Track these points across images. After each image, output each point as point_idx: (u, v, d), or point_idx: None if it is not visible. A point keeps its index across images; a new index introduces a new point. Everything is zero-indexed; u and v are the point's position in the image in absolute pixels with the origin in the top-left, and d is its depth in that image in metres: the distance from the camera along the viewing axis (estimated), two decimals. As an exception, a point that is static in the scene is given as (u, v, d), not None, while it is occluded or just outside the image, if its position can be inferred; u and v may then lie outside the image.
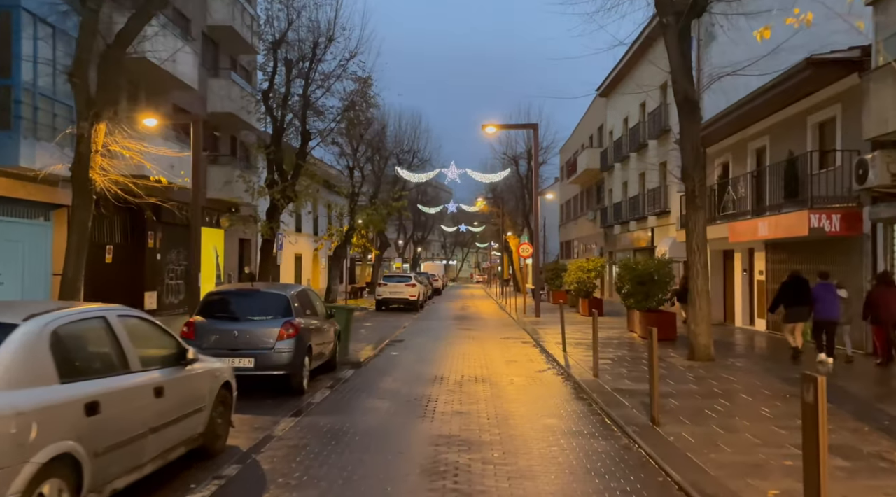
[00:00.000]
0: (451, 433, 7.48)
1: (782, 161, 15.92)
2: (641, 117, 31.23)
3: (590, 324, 22.73)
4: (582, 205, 47.51)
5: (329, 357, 11.37)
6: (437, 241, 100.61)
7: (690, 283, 12.47)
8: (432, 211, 53.04)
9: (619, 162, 35.59)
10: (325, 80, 23.50)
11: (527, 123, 24.43)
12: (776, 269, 17.70)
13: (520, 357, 14.16)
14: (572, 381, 10.81)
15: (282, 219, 33.71)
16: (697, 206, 12.30)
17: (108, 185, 12.06)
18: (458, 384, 10.61)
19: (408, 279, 29.42)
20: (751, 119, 18.46)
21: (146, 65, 18.24)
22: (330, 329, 11.32)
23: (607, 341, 16.18)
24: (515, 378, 11.32)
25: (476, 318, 25.68)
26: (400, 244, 59.85)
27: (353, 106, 23.99)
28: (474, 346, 16.02)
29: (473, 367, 12.59)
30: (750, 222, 17.06)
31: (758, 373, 11.19)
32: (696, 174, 12.25)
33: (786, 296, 12.39)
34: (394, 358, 13.81)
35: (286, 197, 22.72)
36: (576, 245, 48.94)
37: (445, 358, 13.82)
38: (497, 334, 19.02)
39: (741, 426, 7.43)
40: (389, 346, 15.85)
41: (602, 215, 38.95)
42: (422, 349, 15.40)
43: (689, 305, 12.54)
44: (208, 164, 24.00)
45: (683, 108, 12.42)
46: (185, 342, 6.13)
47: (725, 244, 21.00)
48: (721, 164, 22.13)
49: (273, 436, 7.18)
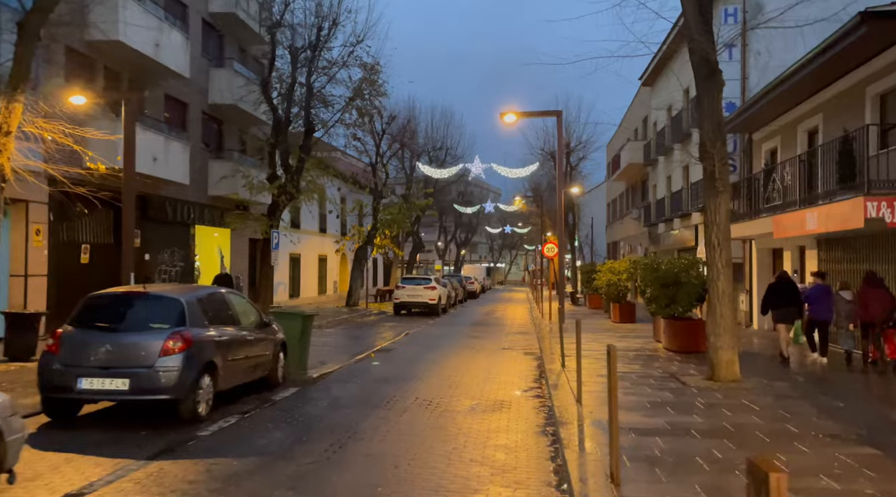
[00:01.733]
0: (344, 485, 5.55)
1: (836, 139, 13.33)
2: (685, 104, 28.51)
3: (616, 332, 20.48)
4: (627, 203, 44.72)
5: (264, 373, 9.58)
6: (484, 243, 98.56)
7: (710, 286, 10.14)
8: (469, 211, 50.95)
9: (662, 155, 32.88)
10: (329, 68, 21.91)
11: (550, 110, 22.11)
12: (830, 269, 15.05)
13: (509, 373, 12.08)
14: (548, 409, 8.71)
15: (302, 219, 32.52)
16: (718, 191, 9.99)
17: (25, 173, 10.59)
18: (404, 410, 8.63)
19: (427, 282, 27.51)
20: (800, 94, 15.84)
21: (127, 51, 17.01)
22: (264, 340, 9.53)
23: (624, 352, 13.90)
24: (481, 402, 9.27)
25: (495, 324, 23.59)
26: (439, 245, 58.07)
27: (360, 94, 22.28)
28: (465, 358, 14.01)
29: (443, 385, 10.59)
30: (796, 214, 14.46)
31: (792, 400, 8.81)
32: (717, 150, 9.93)
33: (773, 297, 12.26)
34: (360, 372, 11.93)
35: (287, 193, 21.19)
36: (622, 246, 46.14)
37: (422, 372, 11.87)
38: (503, 343, 16.93)
39: (736, 485, 5.22)
40: (372, 356, 14.00)
41: (645, 213, 36.22)
42: (404, 360, 13.49)
43: (709, 313, 10.22)
44: (210, 159, 22.73)
45: (700, 70, 10.12)
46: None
47: (774, 241, 18.33)
48: (769, 151, 19.43)
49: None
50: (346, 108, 22.06)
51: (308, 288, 33.34)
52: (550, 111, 22.52)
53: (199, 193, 21.95)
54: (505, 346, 16.20)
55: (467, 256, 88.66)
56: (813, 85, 14.99)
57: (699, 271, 14.51)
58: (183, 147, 19.20)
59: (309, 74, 21.56)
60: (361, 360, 13.28)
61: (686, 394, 9.14)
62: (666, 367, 11.63)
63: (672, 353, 13.69)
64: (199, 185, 21.96)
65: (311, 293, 33.91)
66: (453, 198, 56.02)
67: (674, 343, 14.06)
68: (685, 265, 14.43)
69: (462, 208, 50.30)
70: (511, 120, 22.61)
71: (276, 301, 29.27)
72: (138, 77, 18.24)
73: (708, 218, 10.13)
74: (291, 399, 9.22)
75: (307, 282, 33.28)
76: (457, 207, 50.52)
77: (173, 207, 20.36)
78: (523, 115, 22.81)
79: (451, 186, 57.06)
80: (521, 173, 31.87)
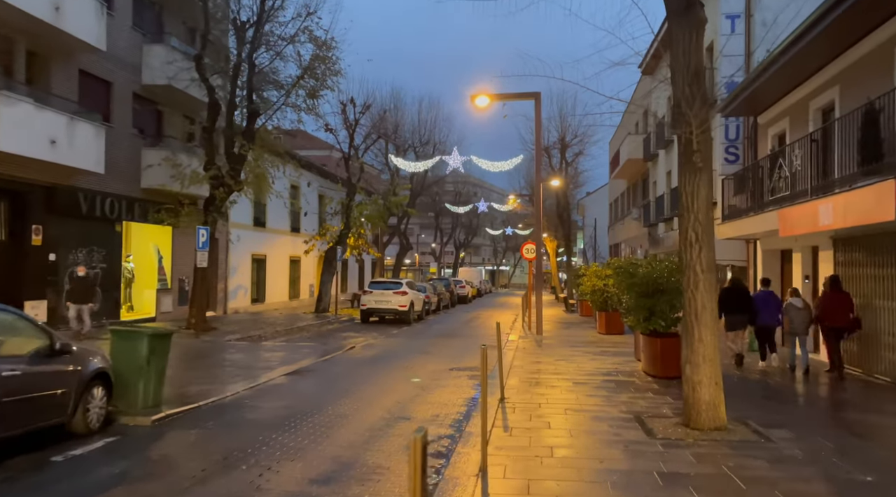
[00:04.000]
0: None
1: (857, 109, 10.56)
2: (685, 91, 25.74)
3: (597, 346, 17.68)
4: (628, 203, 41.91)
5: (58, 420, 6.95)
6: (488, 245, 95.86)
7: (685, 298, 7.41)
8: (461, 210, 48.19)
9: (662, 149, 30.09)
10: (276, 43, 19.34)
11: (527, 92, 19.46)
12: (849, 274, 12.26)
13: (428, 408, 9.40)
14: (446, 464, 6.02)
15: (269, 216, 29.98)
16: (697, 167, 7.28)
17: None
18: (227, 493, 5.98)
19: (397, 286, 24.79)
20: (812, 62, 13.09)
21: (13, 13, 14.52)
22: (51, 374, 6.83)
23: (592, 376, 11.19)
24: (338, 471, 6.58)
25: (466, 335, 20.87)
26: (433, 246, 55.35)
27: (312, 74, 19.67)
28: (390, 385, 11.33)
29: (318, 432, 7.94)
30: (807, 206, 11.69)
31: (797, 464, 6.08)
32: (694, 112, 7.20)
33: (725, 303, 11.78)
34: (234, 407, 9.28)
35: (225, 185, 18.62)
36: (623, 248, 43.31)
37: (313, 407, 9.21)
38: (456, 361, 14.21)
39: None
40: (275, 381, 11.36)
41: (645, 213, 33.43)
42: (309, 388, 10.84)
43: (684, 335, 7.48)
44: (144, 148, 20.20)
45: (672, 4, 7.40)
46: None
47: (782, 240, 15.53)
48: (776, 136, 16.63)
49: None
50: (293, 87, 19.43)
51: (276, 292, 30.77)
52: (528, 93, 19.84)
53: (128, 185, 19.42)
54: (455, 366, 13.49)
55: (469, 259, 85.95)
56: (828, 48, 12.24)
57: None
58: (95, 130, 16.66)
59: (252, 49, 19.00)
60: (256, 387, 10.65)
61: (646, 454, 6.41)
62: (634, 403, 8.91)
63: (650, 379, 10.96)
64: (129, 176, 19.43)
65: (280, 298, 31.34)
66: (449, 198, 53.41)
67: (653, 366, 11.32)
68: (667, 269, 11.68)
69: (454, 207, 47.53)
70: (484, 103, 19.98)
71: (234, 307, 26.72)
72: (41, 47, 15.76)
73: (683, 204, 7.42)
74: (68, 467, 6.48)
75: (275, 285, 30.70)
76: (448, 207, 47.76)
77: (90, 200, 17.83)
78: (498, 97, 20.18)
79: (445, 185, 54.47)
80: (504, 167, 29.15)
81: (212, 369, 12.37)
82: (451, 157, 27.30)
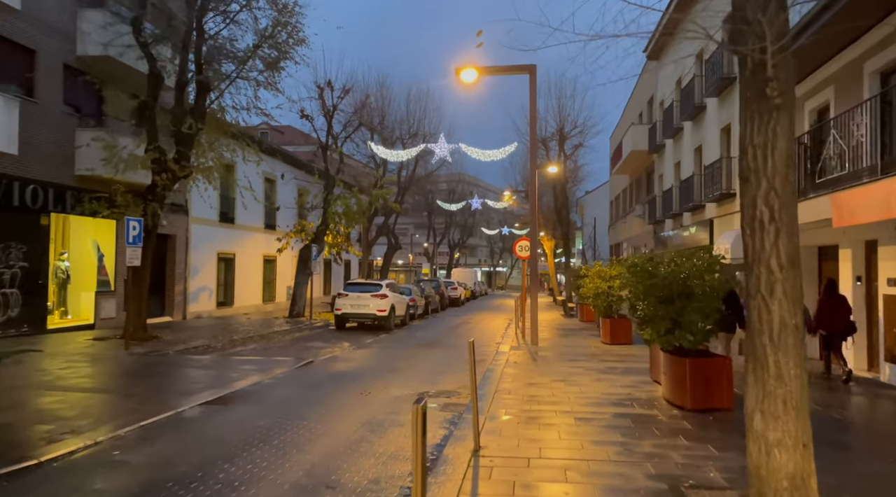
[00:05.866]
0: None
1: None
2: (698, 70, 23.15)
3: (602, 360, 14.74)
4: (631, 199, 39.35)
5: None
6: (484, 245, 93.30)
7: (751, 309, 4.74)
8: (453, 207, 45.51)
9: (670, 138, 27.54)
10: (228, 6, 16.72)
11: (521, 65, 16.86)
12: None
13: (379, 461, 6.76)
14: None
15: (238, 211, 27.34)
16: (771, 104, 4.64)
17: None
18: None
19: (376, 288, 22.12)
20: (871, 12, 10.49)
21: None
22: None
23: (600, 406, 8.58)
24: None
25: (451, 345, 18.20)
26: (425, 246, 52.68)
27: (270, 40, 17.01)
28: (340, 421, 8.70)
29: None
30: (873, 187, 9.10)
31: None
32: (769, 19, 4.57)
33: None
34: (63, 473, 6.65)
35: (168, 171, 15.98)
36: (625, 248, 40.72)
37: (194, 474, 6.58)
38: (431, 382, 11.58)
39: None
40: (186, 414, 8.73)
41: (650, 209, 30.86)
42: (215, 431, 8.19)
43: (749, 366, 4.82)
44: (78, 129, 17.53)
45: None
46: None
47: (823, 234, 12.97)
48: (815, 110, 14.04)
49: None
50: (250, 58, 16.77)
51: (247, 294, 28.09)
52: (521, 66, 17.24)
53: (58, 171, 16.76)
54: (428, 388, 10.84)
55: (465, 260, 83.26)
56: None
57: (719, 277, 9.13)
58: (5, 103, 14.01)
59: (201, 14, 16.37)
60: (144, 425, 8.00)
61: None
62: (663, 459, 6.27)
63: (677, 412, 8.33)
64: (59, 161, 16.77)
65: (253, 301, 28.66)
66: (443, 197, 50.81)
67: (679, 393, 8.68)
68: (699, 267, 9.05)
69: (446, 205, 44.88)
70: (471, 77, 17.37)
71: (197, 311, 24.07)
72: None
73: (748, 165, 4.75)
74: None
75: (246, 287, 28.02)
76: (441, 204, 45.11)
77: (6, 188, 15.18)
78: (488, 71, 17.58)
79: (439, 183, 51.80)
80: (497, 155, 26.51)
81: (105, 396, 9.72)
82: (438, 145, 24.65)
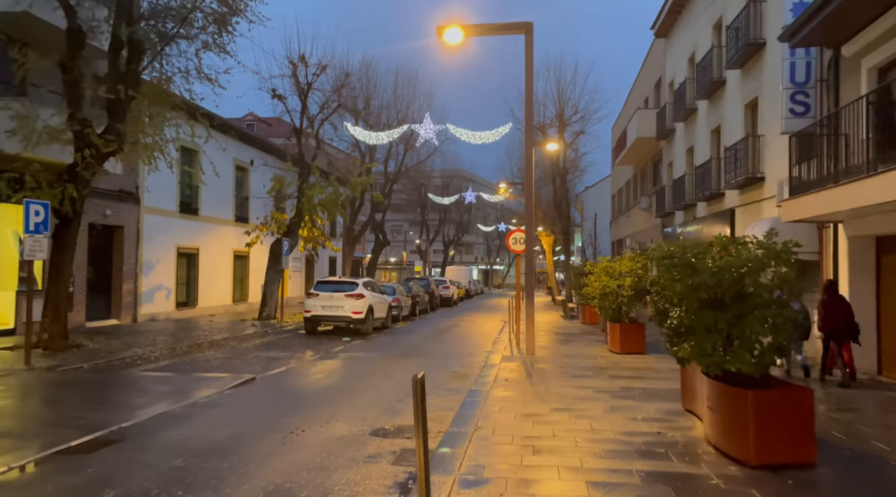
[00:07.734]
0: None
1: None
2: (716, 41, 20.54)
3: (612, 376, 10.46)
4: (635, 192, 36.76)
5: None
6: (481, 243, 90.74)
7: None
8: (446, 201, 42.87)
9: (681, 121, 24.91)
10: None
11: (516, 23, 14.23)
12: None
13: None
14: None
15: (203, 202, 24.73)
16: None
17: None
18: None
19: (351, 287, 19.45)
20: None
21: None
22: None
23: (617, 456, 5.95)
24: None
25: (432, 354, 15.57)
26: (417, 243, 50.06)
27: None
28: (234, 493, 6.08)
29: None
30: None
31: None
32: None
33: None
34: None
35: (91, 146, 13.32)
36: (628, 244, 38.11)
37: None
38: (393, 412, 8.94)
39: None
40: (32, 470, 6.11)
41: (658, 200, 28.26)
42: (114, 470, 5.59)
43: None
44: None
45: None
46: None
47: (882, 222, 10.39)
48: (875, 69, 11.43)
49: None
50: (192, 11, 14.08)
51: (214, 294, 25.42)
52: (517, 24, 14.61)
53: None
54: (384, 424, 8.18)
55: (460, 257, 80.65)
56: None
57: (787, 271, 6.50)
58: None
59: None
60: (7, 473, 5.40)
61: None
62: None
63: (735, 468, 5.71)
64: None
65: (221, 300, 25.99)
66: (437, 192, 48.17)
67: (737, 442, 6.03)
68: (759, 260, 6.42)
69: (438, 198, 42.25)
70: (456, 37, 14.72)
71: (152, 313, 21.41)
72: None
73: None
74: None
75: (212, 286, 25.35)
76: (433, 198, 42.48)
77: None
78: (477, 30, 14.93)
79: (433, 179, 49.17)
80: (489, 138, 23.90)
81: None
82: (423, 126, 22.00)
